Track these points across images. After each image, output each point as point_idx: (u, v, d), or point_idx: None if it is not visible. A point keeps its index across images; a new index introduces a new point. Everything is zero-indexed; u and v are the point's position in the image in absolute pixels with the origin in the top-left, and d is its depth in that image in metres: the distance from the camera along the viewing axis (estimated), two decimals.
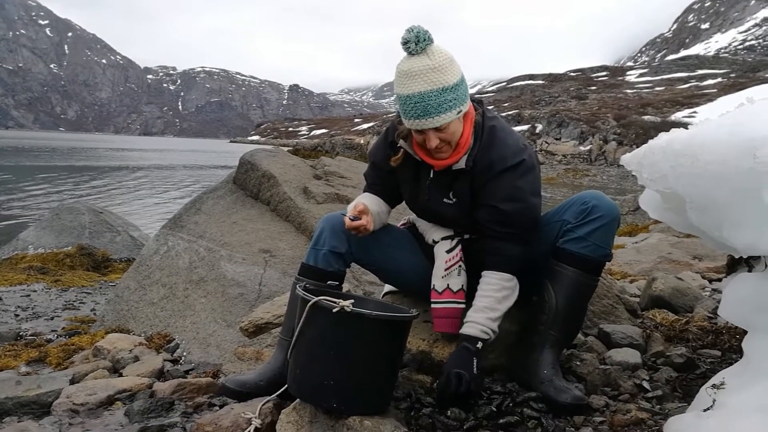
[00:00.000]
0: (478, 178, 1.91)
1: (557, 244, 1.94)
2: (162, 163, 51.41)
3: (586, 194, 1.96)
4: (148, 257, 4.10)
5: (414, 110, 1.79)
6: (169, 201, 21.63)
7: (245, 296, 3.24)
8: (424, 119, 1.79)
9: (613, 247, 1.95)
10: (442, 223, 2.09)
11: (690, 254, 4.70)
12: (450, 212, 2.00)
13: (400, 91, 1.82)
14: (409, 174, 2.05)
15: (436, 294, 2.01)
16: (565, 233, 1.93)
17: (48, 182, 26.89)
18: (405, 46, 1.78)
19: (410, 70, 1.78)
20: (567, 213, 1.95)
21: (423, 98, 1.77)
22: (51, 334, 4.06)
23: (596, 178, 35.92)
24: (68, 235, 8.79)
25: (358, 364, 1.65)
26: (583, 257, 1.89)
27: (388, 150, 2.08)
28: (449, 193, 1.98)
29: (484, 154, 1.90)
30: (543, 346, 1.93)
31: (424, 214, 2.11)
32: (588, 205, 1.90)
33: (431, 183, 1.99)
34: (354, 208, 1.97)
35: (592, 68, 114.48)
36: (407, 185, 2.07)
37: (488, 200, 1.90)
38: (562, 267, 1.92)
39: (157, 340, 3.10)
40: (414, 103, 1.78)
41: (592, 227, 1.88)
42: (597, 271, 1.95)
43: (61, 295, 5.86)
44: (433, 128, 1.82)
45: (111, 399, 2.18)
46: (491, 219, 1.91)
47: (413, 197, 2.08)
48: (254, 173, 4.61)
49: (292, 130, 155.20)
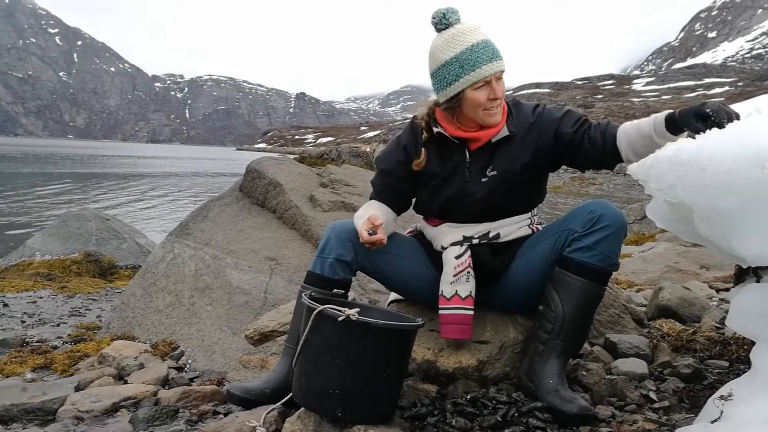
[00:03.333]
0: (543, 134, 2.01)
1: (564, 253, 1.93)
2: (169, 170, 51.66)
3: (592, 203, 1.96)
4: (155, 264, 4.11)
5: (485, 53, 1.88)
6: (176, 208, 21.72)
7: (251, 304, 3.24)
8: (497, 61, 1.90)
9: (619, 257, 1.94)
10: (468, 211, 2.05)
11: (697, 263, 4.67)
12: (484, 191, 2.01)
13: (460, 46, 1.90)
14: (437, 165, 2.05)
15: (444, 300, 2.00)
16: (572, 242, 1.92)
17: (55, 189, 27.07)
18: (444, 18, 1.93)
19: (461, 30, 1.92)
20: (573, 222, 1.95)
21: (488, 44, 1.90)
22: (57, 340, 4.07)
23: (602, 187, 35.81)
24: (75, 241, 8.83)
25: (364, 373, 1.64)
26: (590, 266, 1.88)
27: (401, 155, 2.09)
28: (488, 167, 2.01)
29: (521, 115, 2.04)
30: (549, 355, 1.92)
31: (452, 203, 2.06)
32: (595, 214, 1.89)
33: (470, 163, 2.02)
34: (369, 220, 1.95)
35: (599, 77, 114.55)
36: (434, 178, 2.06)
37: (565, 126, 1.99)
38: (569, 276, 1.91)
39: (162, 347, 3.11)
40: (483, 47, 1.89)
41: (599, 236, 1.87)
42: (604, 281, 1.94)
43: (68, 301, 5.88)
44: (499, 74, 1.91)
45: (116, 406, 2.18)
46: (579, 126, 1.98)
47: (442, 188, 2.06)
48: (261, 181, 4.63)
49: (299, 138, 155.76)
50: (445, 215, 2.10)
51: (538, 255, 2.02)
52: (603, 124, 1.97)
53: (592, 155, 1.96)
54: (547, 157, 2.04)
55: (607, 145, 1.92)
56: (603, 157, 1.96)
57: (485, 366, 2.02)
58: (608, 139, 1.92)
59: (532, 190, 2.10)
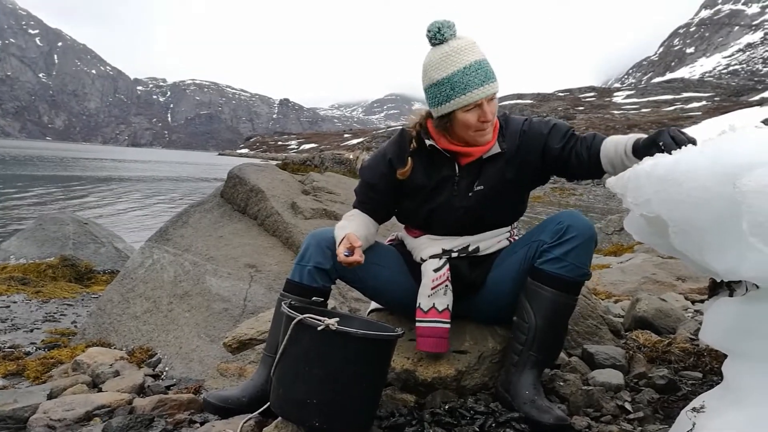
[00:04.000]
0: (531, 151, 2.02)
1: (535, 265, 1.95)
2: (150, 174, 51.09)
3: (561, 214, 1.97)
4: (133, 270, 4.06)
5: (477, 77, 1.86)
6: (156, 213, 21.47)
7: (230, 311, 3.22)
8: (489, 84, 1.88)
9: (591, 266, 1.96)
10: (451, 224, 2.06)
11: (674, 275, 4.74)
12: (469, 205, 2.02)
13: (453, 66, 1.86)
14: (424, 177, 2.04)
15: (422, 312, 2.01)
16: (542, 253, 1.93)
17: (32, 192, 26.60)
18: (439, 33, 1.89)
19: (455, 48, 1.88)
20: (543, 233, 1.96)
21: (482, 65, 1.87)
22: (30, 346, 3.99)
23: (582, 198, 36.21)
24: (51, 245, 8.69)
25: (342, 383, 1.64)
26: (561, 277, 1.90)
27: (386, 168, 2.08)
28: (475, 182, 2.01)
29: (511, 131, 2.04)
30: (524, 366, 1.93)
31: (437, 215, 2.06)
32: (563, 225, 1.91)
33: (459, 178, 2.02)
34: (348, 240, 1.92)
35: (580, 89, 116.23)
36: (420, 189, 2.05)
37: (553, 141, 2.00)
38: (540, 287, 1.92)
39: (138, 354, 3.06)
40: (476, 70, 1.86)
41: (568, 247, 1.89)
42: (575, 291, 1.95)
43: (42, 306, 5.77)
44: (491, 96, 1.89)
45: (89, 415, 2.14)
46: (566, 142, 1.99)
47: (428, 200, 2.06)
48: (242, 187, 4.60)
49: (282, 144, 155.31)
50: (428, 227, 2.11)
51: (510, 266, 2.04)
52: (589, 138, 1.98)
53: (578, 170, 2.00)
54: (535, 173, 2.06)
55: (592, 160, 1.94)
56: (589, 172, 1.99)
57: (464, 376, 2.03)
58: (593, 155, 1.94)
59: (516, 205, 2.12)
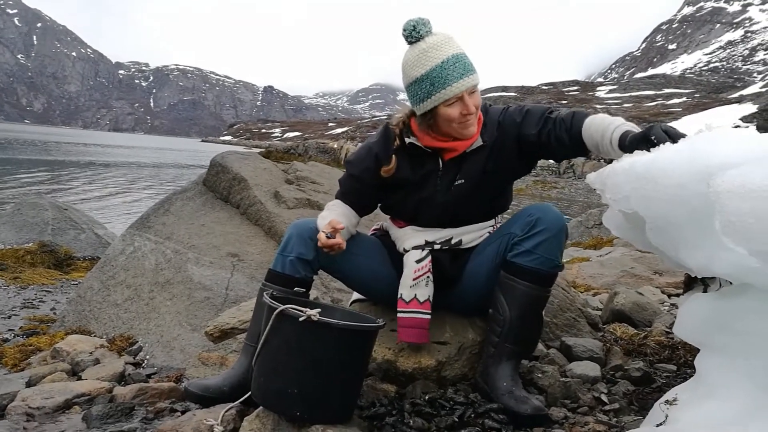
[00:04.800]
0: (508, 141, 2.02)
1: (507, 257, 1.96)
2: (131, 160, 50.41)
3: (532, 207, 1.99)
4: (114, 257, 4.03)
5: (455, 70, 1.86)
6: (138, 200, 21.22)
7: (211, 300, 3.21)
8: (468, 76, 1.88)
9: (569, 259, 1.99)
10: (433, 217, 2.07)
11: (651, 269, 4.82)
12: (451, 199, 2.03)
13: (431, 62, 1.87)
14: (408, 173, 2.05)
15: (403, 303, 2.03)
16: (513, 246, 1.95)
17: (10, 176, 26.11)
18: (414, 30, 1.89)
19: (432, 44, 1.88)
20: (514, 226, 1.98)
21: (460, 58, 1.87)
22: (8, 333, 3.95)
23: (564, 191, 36.51)
24: (30, 231, 8.56)
25: (323, 373, 1.65)
26: (533, 270, 1.91)
27: (371, 162, 2.08)
28: (457, 176, 2.02)
29: (490, 124, 2.04)
30: (500, 358, 1.96)
31: (420, 209, 2.08)
32: (533, 217, 1.93)
33: (442, 172, 2.03)
34: (330, 224, 1.94)
35: (564, 82, 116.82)
36: (404, 185, 2.07)
37: (527, 128, 1.99)
38: (513, 280, 1.94)
39: (119, 342, 3.05)
40: (453, 63, 1.86)
41: (538, 240, 1.90)
42: (548, 283, 1.97)
43: (20, 293, 5.70)
44: (472, 88, 1.89)
45: (69, 403, 2.13)
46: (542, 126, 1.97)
47: (411, 195, 2.07)
48: (225, 175, 4.57)
49: (266, 131, 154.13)
50: (413, 219, 2.12)
51: (485, 259, 2.06)
52: (567, 120, 1.94)
53: (560, 152, 1.99)
54: (515, 162, 2.06)
55: (575, 143, 1.92)
56: (573, 152, 1.98)
57: (444, 367, 2.06)
58: (574, 137, 1.91)
59: (498, 198, 2.13)
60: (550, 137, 1.96)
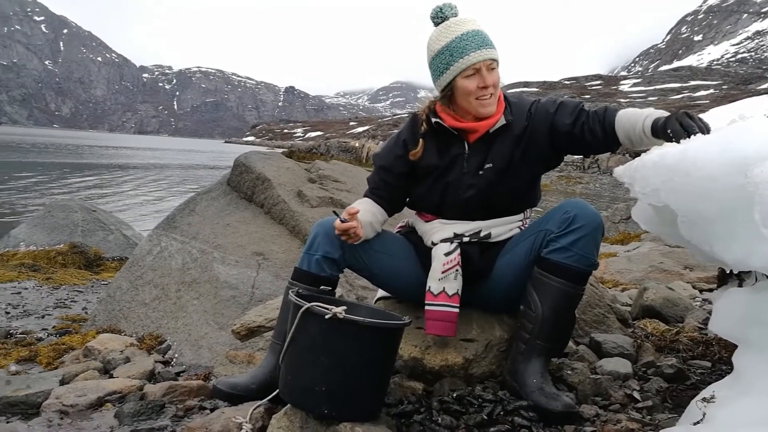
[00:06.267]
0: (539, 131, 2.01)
1: (541, 254, 1.94)
2: (156, 162, 51.19)
3: (568, 203, 1.96)
4: (141, 257, 4.09)
5: (474, 41, 1.92)
6: (164, 200, 21.54)
7: (238, 299, 3.24)
8: (486, 49, 1.93)
9: (599, 256, 1.95)
10: (464, 207, 2.06)
11: (681, 264, 4.73)
12: (480, 184, 2.02)
13: (451, 35, 1.95)
14: (435, 157, 2.06)
15: (431, 296, 2.01)
16: (549, 243, 1.93)
17: (41, 179, 26.74)
18: (441, 11, 1.99)
19: (455, 21, 1.97)
20: (550, 222, 1.96)
21: (480, 33, 1.94)
22: (42, 332, 4.04)
23: (589, 186, 36.03)
24: (60, 232, 8.74)
25: (350, 371, 1.65)
26: (568, 267, 1.89)
27: (400, 150, 2.10)
28: (485, 160, 2.02)
29: (519, 109, 2.05)
30: (531, 355, 1.94)
31: (448, 196, 2.07)
32: (570, 214, 1.90)
33: (469, 155, 2.03)
34: (346, 211, 1.96)
35: (587, 77, 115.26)
36: (433, 170, 2.07)
37: (561, 118, 1.99)
38: (547, 277, 1.92)
39: (148, 340, 3.09)
40: (472, 36, 1.93)
41: (574, 237, 1.88)
42: (582, 281, 1.95)
43: (53, 293, 5.83)
44: (490, 62, 1.92)
45: (101, 400, 2.17)
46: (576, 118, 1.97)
47: (439, 180, 2.06)
48: (248, 175, 4.61)
49: (288, 131, 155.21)
50: (440, 210, 2.11)
51: (517, 256, 2.04)
52: (600, 112, 1.96)
53: (593, 145, 1.98)
54: (545, 154, 2.05)
55: (608, 135, 1.93)
56: (605, 146, 1.97)
57: (471, 364, 2.04)
58: (608, 129, 1.92)
59: (527, 190, 2.11)
60: (584, 129, 1.96)
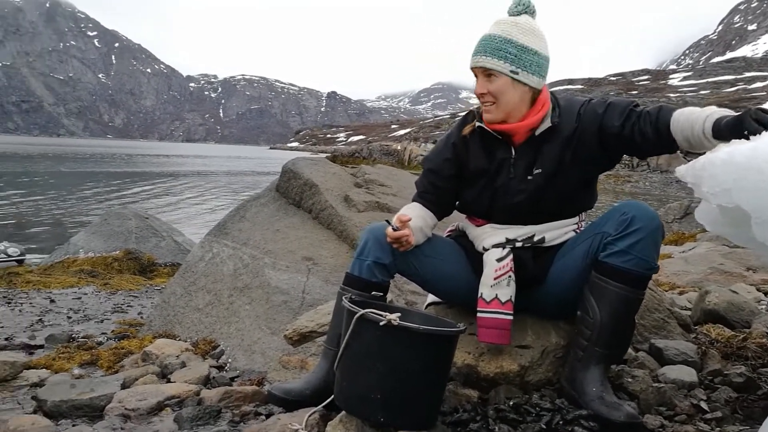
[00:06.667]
0: (588, 133, 1.94)
1: (599, 258, 1.87)
2: (205, 169, 52.61)
3: (626, 204, 1.89)
4: (194, 263, 4.19)
5: (479, 45, 1.91)
6: (213, 207, 22.10)
7: (289, 304, 3.27)
8: (479, 56, 1.92)
9: (658, 259, 1.87)
10: (514, 211, 2.01)
11: (743, 265, 4.51)
12: (529, 190, 1.97)
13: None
14: (484, 161, 2.03)
15: (484, 303, 1.98)
16: (606, 246, 1.86)
17: (98, 188, 27.87)
18: (512, 5, 1.97)
19: (498, 21, 1.96)
20: (607, 225, 1.89)
21: (488, 39, 1.91)
22: (101, 336, 4.19)
23: (638, 185, 34.99)
24: (116, 239, 9.07)
25: (405, 378, 1.64)
26: (627, 271, 1.82)
27: (449, 152, 2.08)
28: (533, 165, 1.97)
29: (568, 111, 1.98)
30: (589, 362, 1.87)
31: (497, 202, 2.02)
32: (628, 216, 1.83)
33: (515, 159, 1.99)
34: (397, 218, 1.95)
35: (633, 72, 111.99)
36: (481, 174, 2.03)
37: (609, 120, 1.91)
38: (605, 281, 1.85)
39: (202, 346, 3.16)
40: (484, 40, 1.91)
41: (633, 239, 1.80)
42: (642, 285, 1.87)
43: (110, 298, 6.05)
44: (483, 70, 1.90)
45: (161, 405, 2.22)
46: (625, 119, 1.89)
47: (487, 185, 2.03)
48: (296, 181, 4.67)
49: (330, 136, 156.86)
50: (490, 215, 2.07)
51: (573, 259, 1.97)
52: (654, 112, 1.85)
53: (644, 147, 1.89)
54: (596, 157, 1.97)
55: (662, 137, 1.82)
56: (659, 148, 1.88)
57: (527, 371, 1.99)
58: (662, 130, 1.82)
59: (581, 193, 2.04)
60: (634, 131, 1.87)
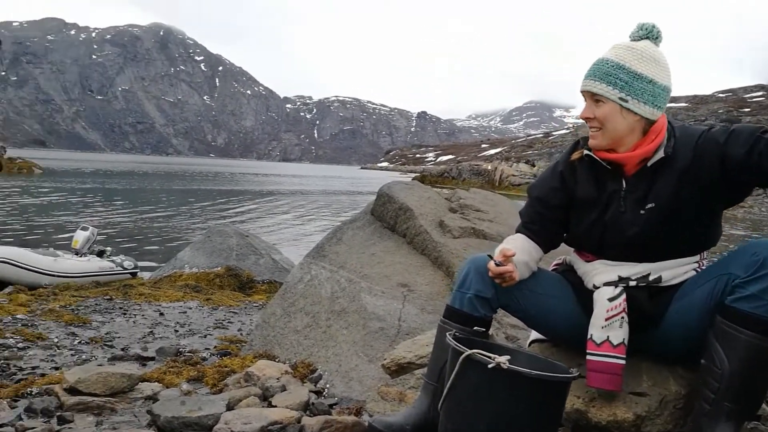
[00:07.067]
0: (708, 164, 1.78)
1: (726, 302, 1.71)
2: (302, 188, 54.65)
3: (757, 244, 1.71)
4: (293, 285, 4.31)
5: (589, 69, 1.88)
6: (311, 226, 22.83)
7: (385, 331, 3.28)
8: (587, 80, 1.88)
9: None
10: (627, 248, 1.89)
11: None
12: (641, 225, 1.85)
13: None
14: (594, 192, 1.94)
15: (594, 345, 1.87)
16: (735, 289, 1.69)
17: (203, 205, 29.71)
18: (638, 29, 1.92)
19: (615, 45, 1.91)
20: (734, 265, 1.72)
21: (600, 63, 1.87)
22: (205, 352, 4.39)
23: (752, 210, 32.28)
24: (218, 256, 9.55)
25: (513, 423, 1.58)
26: (759, 318, 1.64)
27: (557, 181, 2.02)
28: (646, 199, 1.85)
29: (684, 141, 1.85)
30: (718, 418, 1.70)
31: (607, 237, 1.92)
32: (759, 256, 1.65)
33: (626, 192, 1.88)
34: (500, 252, 1.89)
35: (745, 88, 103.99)
36: (590, 206, 1.94)
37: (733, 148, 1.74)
38: (734, 328, 1.68)
39: (301, 368, 3.23)
40: (591, 65, 1.88)
41: (766, 284, 1.63)
42: None
43: (212, 313, 6.35)
44: (591, 95, 1.85)
45: (264, 430, 2.28)
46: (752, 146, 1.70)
47: (597, 219, 1.93)
48: (391, 205, 4.70)
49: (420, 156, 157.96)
50: (601, 250, 1.96)
51: (695, 302, 1.82)
52: None
53: None
54: (718, 189, 1.80)
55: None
56: None
57: (644, 422, 1.86)
58: None
59: (701, 229, 1.88)
60: (762, 159, 1.68)
